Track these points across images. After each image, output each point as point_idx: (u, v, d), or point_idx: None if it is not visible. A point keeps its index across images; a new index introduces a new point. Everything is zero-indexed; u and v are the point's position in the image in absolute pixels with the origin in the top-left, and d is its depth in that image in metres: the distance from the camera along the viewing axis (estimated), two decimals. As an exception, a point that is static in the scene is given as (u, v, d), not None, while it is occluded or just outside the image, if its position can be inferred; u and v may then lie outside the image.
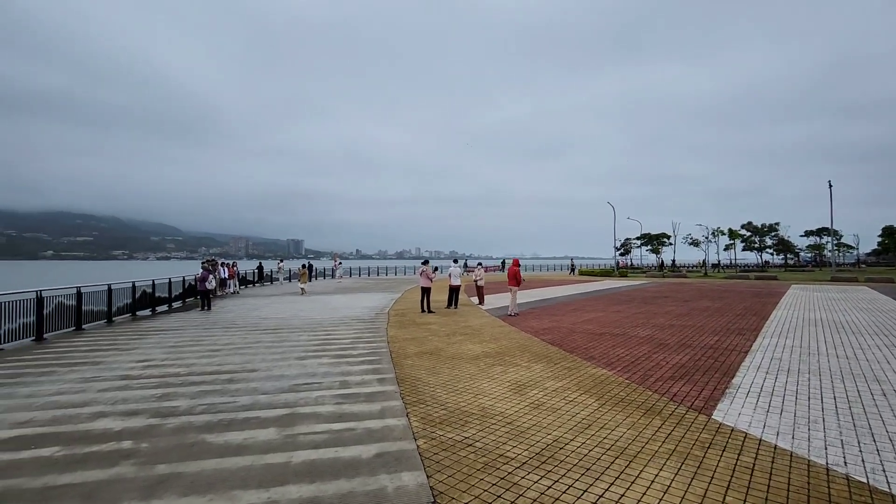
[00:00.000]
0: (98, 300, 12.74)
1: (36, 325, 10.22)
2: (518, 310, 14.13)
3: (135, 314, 14.43)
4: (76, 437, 4.63)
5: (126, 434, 4.68)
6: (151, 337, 10.53)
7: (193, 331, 11.35)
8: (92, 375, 7.07)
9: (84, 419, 5.13)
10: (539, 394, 5.91)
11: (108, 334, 10.98)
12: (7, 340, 9.46)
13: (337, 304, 17.33)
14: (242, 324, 12.42)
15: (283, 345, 9.37)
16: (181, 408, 5.50)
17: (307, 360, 8.00)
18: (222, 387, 6.37)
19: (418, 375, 6.87)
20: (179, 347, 9.22)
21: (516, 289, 13.92)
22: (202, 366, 7.62)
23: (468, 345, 9.21)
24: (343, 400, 5.73)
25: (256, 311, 15.24)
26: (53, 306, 10.89)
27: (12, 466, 3.98)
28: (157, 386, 6.44)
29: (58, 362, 8.04)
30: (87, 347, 9.39)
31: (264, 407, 5.49)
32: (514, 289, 13.89)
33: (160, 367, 7.60)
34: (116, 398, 5.90)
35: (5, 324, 9.42)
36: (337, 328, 11.52)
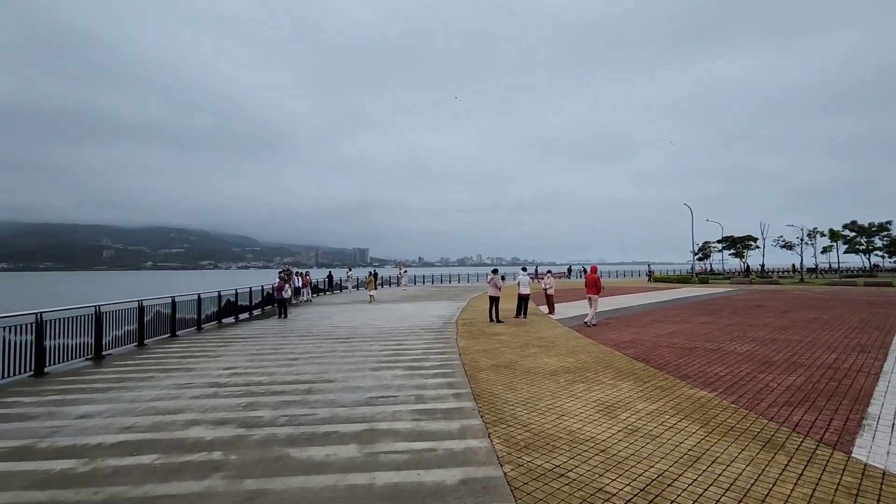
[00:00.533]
0: (189, 309, 13.73)
1: (138, 332, 11.15)
2: (596, 320, 13.35)
3: (220, 322, 15.42)
4: (172, 444, 4.82)
5: (216, 444, 4.80)
6: (235, 344, 11.11)
7: (273, 339, 11.84)
8: (185, 382, 7.49)
9: (179, 427, 5.36)
10: (632, 417, 5.36)
11: (198, 341, 11.74)
12: (114, 346, 10.37)
13: (405, 313, 17.45)
14: (317, 332, 12.80)
15: (356, 354, 9.46)
16: (265, 418, 5.59)
17: (381, 371, 7.97)
18: (302, 398, 6.45)
19: (495, 391, 6.55)
20: (261, 355, 9.60)
21: (597, 297, 13.18)
22: (282, 375, 7.83)
23: (544, 358, 8.74)
24: (420, 416, 5.54)
25: (329, 320, 15.70)
26: (152, 314, 11.85)
27: (118, 473, 4.18)
28: (242, 395, 6.66)
29: (156, 368, 8.65)
30: (181, 354, 10.05)
31: (343, 421, 5.45)
32: (595, 297, 13.17)
33: (244, 374, 7.90)
34: (207, 406, 6.15)
35: (113, 331, 10.34)
36: (407, 338, 11.50)
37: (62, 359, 8.80)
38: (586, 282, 13.49)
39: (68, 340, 9.01)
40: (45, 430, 5.36)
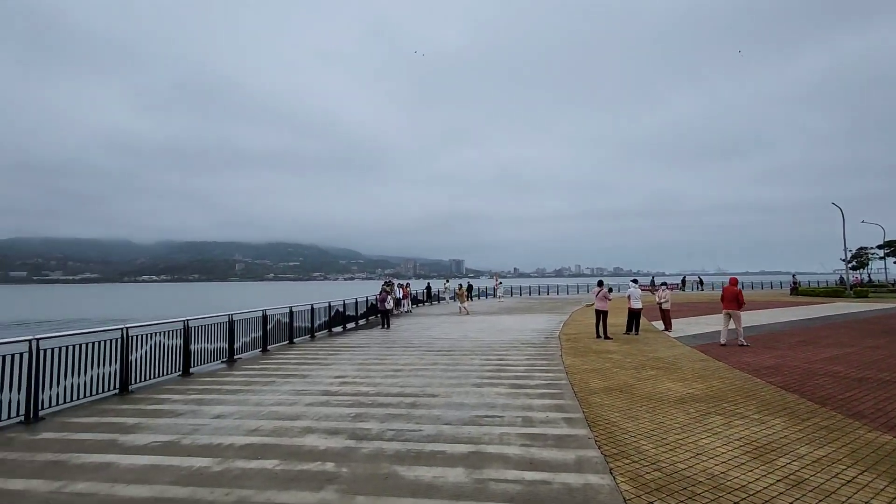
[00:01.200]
0: (303, 318, 14.82)
1: (262, 338, 12.27)
2: (743, 339, 11.59)
3: (330, 331, 16.44)
4: (291, 451, 5.02)
5: (329, 455, 4.90)
6: (344, 353, 11.67)
7: (377, 349, 12.24)
8: (301, 388, 7.94)
9: (296, 433, 5.60)
10: (794, 464, 4.42)
11: (312, 349, 12.56)
12: (244, 351, 11.49)
13: (504, 326, 17.07)
14: (418, 343, 12.99)
15: (457, 368, 9.32)
16: (373, 431, 5.63)
17: (484, 388, 7.71)
18: (407, 412, 6.42)
19: (612, 418, 5.91)
20: (367, 365, 9.92)
21: (739, 313, 11.55)
22: (387, 386, 7.95)
23: (666, 382, 7.79)
24: (530, 442, 5.15)
25: (428, 331, 15.91)
26: (274, 323, 12.98)
27: (245, 476, 4.43)
28: (351, 405, 6.84)
29: (276, 373, 9.35)
30: (297, 360, 10.80)
31: (449, 440, 5.26)
32: (736, 313, 11.53)
33: (352, 384, 8.17)
34: (320, 414, 6.40)
35: (241, 337, 11.47)
36: (508, 353, 11.12)
37: (203, 361, 9.93)
38: (724, 295, 11.86)
39: (208, 345, 10.16)
40: (188, 427, 5.97)
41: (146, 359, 8.49)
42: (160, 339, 8.87)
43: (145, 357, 8.48)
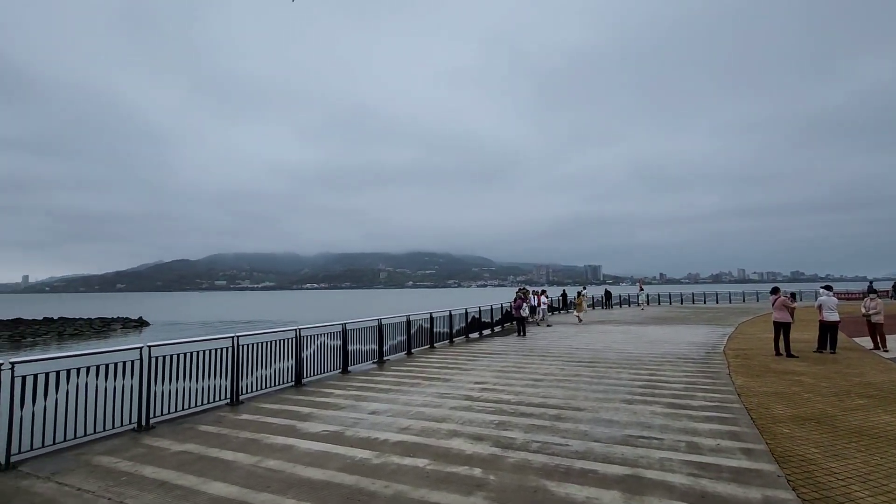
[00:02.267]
0: (442, 323, 15.47)
1: (407, 342, 13.13)
2: None
3: (467, 336, 16.87)
4: (439, 452, 5.21)
5: (475, 460, 4.95)
6: (482, 359, 11.83)
7: (515, 356, 12.14)
8: (444, 392, 8.25)
9: (443, 436, 5.80)
10: None
11: (451, 354, 13.01)
12: (391, 353, 12.43)
13: (654, 337, 15.52)
14: (556, 353, 12.53)
15: (603, 382, 8.72)
16: (517, 441, 5.54)
17: (636, 405, 7.05)
18: (551, 424, 6.19)
19: (808, 455, 4.86)
20: (506, 373, 9.89)
21: None
22: (529, 395, 7.79)
23: (882, 415, 6.18)
24: (699, 472, 4.51)
25: (567, 340, 15.27)
26: (417, 328, 13.80)
27: (400, 471, 4.72)
28: (493, 412, 6.85)
29: (421, 375, 9.88)
30: (439, 364, 11.28)
31: (600, 459, 4.90)
32: None
33: (493, 391, 8.20)
34: (464, 419, 6.54)
35: (389, 340, 12.43)
36: (661, 367, 10.04)
37: (358, 361, 11.01)
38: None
39: (362, 346, 11.24)
40: (349, 420, 6.62)
41: (314, 357, 9.73)
42: (324, 339, 10.09)
43: (313, 355, 9.71)
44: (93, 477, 4.79)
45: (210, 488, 4.43)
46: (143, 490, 4.43)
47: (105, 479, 4.74)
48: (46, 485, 4.65)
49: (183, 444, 5.77)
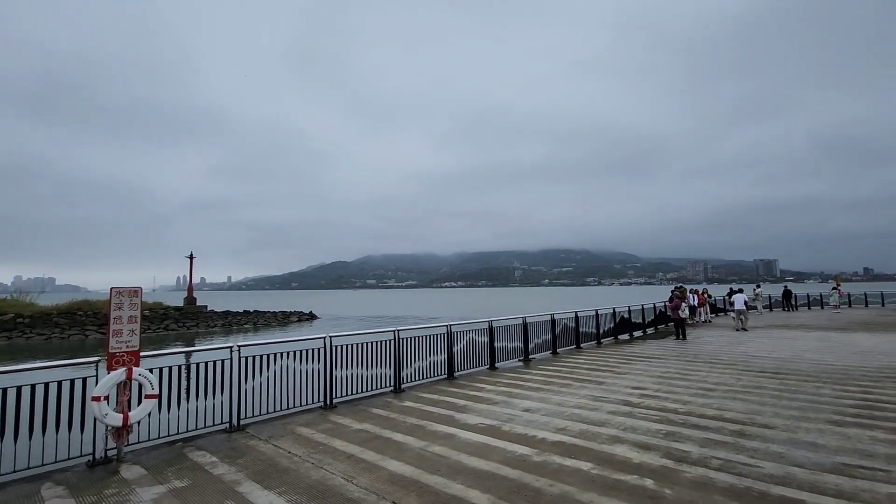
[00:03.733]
0: (588, 323, 14.78)
1: (552, 341, 12.88)
2: None
3: (616, 338, 15.83)
4: (603, 458, 4.99)
5: (645, 471, 4.62)
6: (637, 363, 10.98)
7: (675, 362, 11.00)
8: (598, 395, 7.87)
9: (604, 440, 5.54)
10: None
11: (600, 355, 12.36)
12: (536, 352, 12.32)
13: (863, 347, 12.59)
14: (727, 360, 10.99)
15: (796, 397, 7.37)
16: (692, 455, 5.01)
17: (847, 427, 5.80)
18: (733, 440, 5.45)
19: None
20: (667, 379, 9.02)
21: None
22: (699, 406, 6.98)
23: None
24: (962, 521, 3.51)
25: (741, 346, 13.28)
26: (561, 327, 13.45)
27: (563, 472, 4.65)
28: (659, 420, 6.31)
29: (570, 376, 9.59)
30: (588, 366, 10.81)
31: (806, 488, 4.15)
32: None
33: (655, 398, 7.55)
34: (625, 424, 6.15)
35: (534, 339, 12.33)
36: (879, 385, 8.09)
37: (504, 358, 11.17)
38: None
39: (507, 343, 11.37)
40: (504, 415, 6.76)
41: (463, 352, 10.16)
42: (472, 336, 10.47)
43: (463, 350, 10.15)
44: (298, 444, 5.74)
45: (389, 465, 4.94)
46: (336, 460, 5.15)
47: (307, 446, 5.64)
48: (266, 445, 5.72)
49: (361, 423, 6.55)
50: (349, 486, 4.45)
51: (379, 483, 4.50)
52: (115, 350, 5.48)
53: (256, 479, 4.69)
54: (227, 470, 4.96)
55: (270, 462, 5.16)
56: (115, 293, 5.66)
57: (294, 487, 4.46)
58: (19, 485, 4.74)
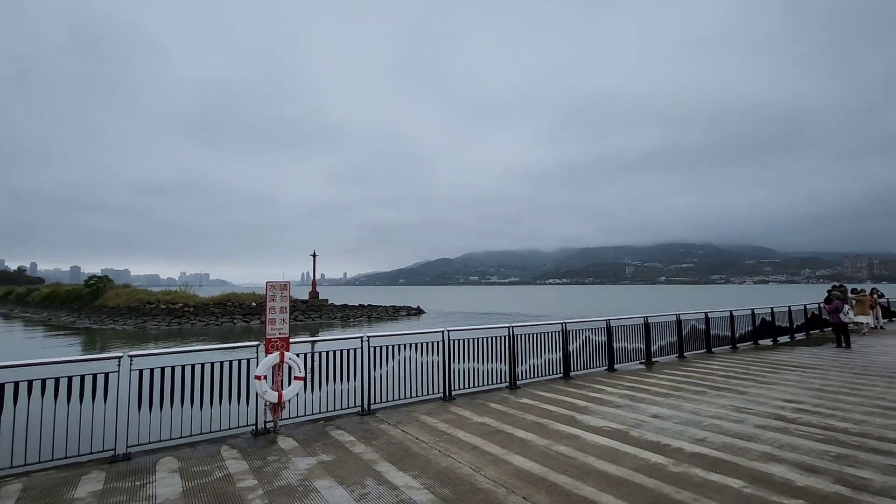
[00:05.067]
0: (721, 325, 13.25)
1: (678, 344, 11.81)
2: None
3: (756, 343, 13.98)
4: (756, 476, 4.44)
5: (814, 497, 4.01)
6: (786, 373, 9.57)
7: (838, 373, 9.37)
8: (742, 406, 7.02)
9: (755, 457, 4.93)
10: None
11: (738, 362, 11.00)
12: (659, 355, 11.40)
13: None
14: (913, 375, 9.06)
15: None
16: (874, 484, 4.22)
17: None
18: (933, 472, 4.48)
19: None
20: (830, 393, 7.72)
21: None
22: (877, 427, 5.86)
23: None
24: None
25: (929, 359, 10.85)
26: (689, 329, 12.26)
27: (708, 486, 4.24)
28: (823, 440, 5.43)
29: (703, 383, 8.69)
30: (723, 372, 9.70)
31: None
32: None
33: (815, 413, 6.51)
34: (780, 442, 5.40)
35: (657, 341, 11.42)
36: None
37: (624, 360, 10.52)
38: None
39: (627, 344, 10.70)
40: (630, 420, 6.37)
41: (579, 351, 9.79)
42: (588, 334, 10.04)
43: (578, 350, 9.79)
44: (423, 431, 6.04)
45: (514, 460, 4.97)
46: (462, 450, 5.31)
47: (432, 434, 5.91)
48: (395, 430, 6.12)
49: (481, 416, 6.68)
50: (477, 476, 4.57)
51: (506, 476, 4.55)
52: (271, 336, 6.30)
53: (391, 460, 5.05)
54: (364, 449, 5.41)
55: (401, 446, 5.50)
56: (270, 287, 6.50)
57: (426, 472, 4.70)
58: (204, 445, 5.69)
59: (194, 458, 5.24)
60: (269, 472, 4.80)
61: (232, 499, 4.17)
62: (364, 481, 4.51)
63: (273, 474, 4.73)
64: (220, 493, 4.32)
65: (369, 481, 4.51)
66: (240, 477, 4.67)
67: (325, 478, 4.61)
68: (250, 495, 4.24)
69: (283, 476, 4.68)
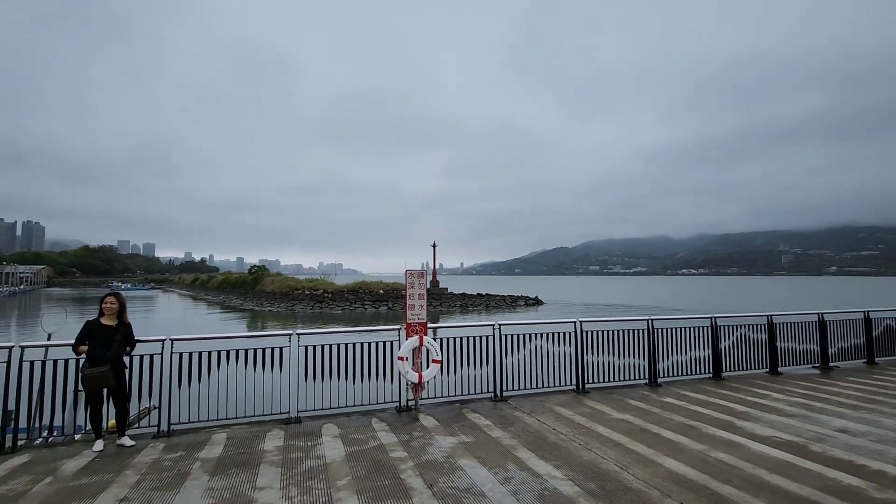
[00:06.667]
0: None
1: (866, 347, 9.77)
2: None
3: None
4: None
5: None
6: None
7: None
8: (971, 428, 5.55)
9: None
10: None
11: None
12: (839, 359, 9.55)
13: None
14: None
15: None
16: None
17: None
18: None
19: None
20: None
21: None
22: None
23: None
24: None
25: None
26: (882, 328, 10.06)
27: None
28: None
29: (908, 396, 7.07)
30: (937, 385, 7.77)
31: None
32: None
33: None
34: None
35: (837, 342, 9.58)
36: None
37: (791, 362, 9.05)
38: None
39: (795, 345, 9.17)
40: (808, 432, 5.46)
41: (733, 350, 8.67)
42: (744, 331, 8.82)
43: (732, 347, 8.67)
44: (559, 422, 5.93)
45: (665, 462, 4.60)
46: (604, 445, 5.09)
47: (569, 426, 5.77)
48: (530, 419, 6.11)
49: (620, 413, 6.32)
50: (625, 474, 4.33)
51: (658, 478, 4.24)
52: (410, 321, 6.73)
53: (530, 448, 5.05)
54: (501, 434, 5.51)
55: (538, 435, 5.47)
56: (409, 274, 6.93)
57: (568, 463, 4.61)
58: (357, 416, 6.33)
59: (350, 427, 5.86)
60: (416, 446, 5.15)
61: (388, 467, 4.57)
62: (506, 465, 4.59)
63: (420, 449, 5.07)
64: (376, 460, 4.77)
65: (511, 466, 4.58)
66: (391, 448, 5.10)
67: (467, 457, 4.80)
68: (402, 465, 4.60)
69: (429, 451, 4.98)
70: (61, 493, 4.05)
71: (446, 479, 4.28)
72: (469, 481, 4.24)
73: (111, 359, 5.10)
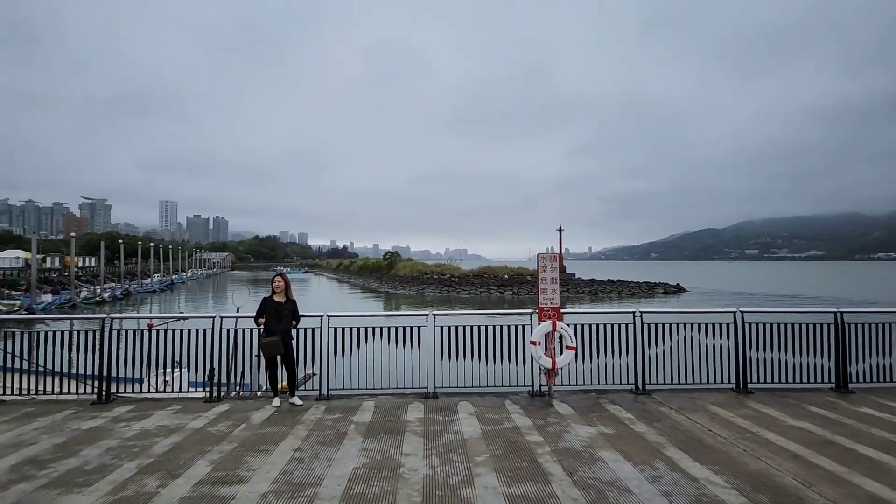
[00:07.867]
0: None
1: None
2: None
3: None
4: None
5: None
6: None
7: None
8: None
9: None
10: None
11: None
12: None
13: None
14: None
15: None
16: None
17: None
18: None
19: None
20: None
21: None
22: None
23: None
24: None
25: None
26: None
27: None
28: None
29: None
30: None
31: None
32: None
33: None
34: None
35: None
36: None
37: None
38: None
39: None
40: None
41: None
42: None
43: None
44: (716, 423, 5.27)
45: (863, 483, 3.77)
46: (777, 455, 4.37)
47: (728, 429, 5.08)
48: (679, 416, 5.54)
49: (797, 420, 5.37)
50: (809, 492, 3.66)
51: (855, 503, 3.49)
52: (543, 305, 6.57)
53: (682, 447, 4.58)
54: (646, 430, 5.09)
55: (690, 434, 4.94)
56: (541, 258, 6.77)
57: (730, 470, 4.06)
58: (491, 396, 6.44)
59: (485, 406, 5.98)
60: (552, 432, 5.05)
61: (525, 450, 4.56)
62: (654, 463, 4.23)
63: (556, 435, 4.95)
64: (512, 441, 4.79)
65: (659, 464, 4.20)
66: (526, 431, 5.07)
67: (608, 450, 4.54)
68: (539, 450, 4.54)
69: (566, 439, 4.84)
70: (253, 438, 4.89)
71: (587, 469, 4.11)
72: (612, 475, 4.00)
73: (281, 330, 5.98)
